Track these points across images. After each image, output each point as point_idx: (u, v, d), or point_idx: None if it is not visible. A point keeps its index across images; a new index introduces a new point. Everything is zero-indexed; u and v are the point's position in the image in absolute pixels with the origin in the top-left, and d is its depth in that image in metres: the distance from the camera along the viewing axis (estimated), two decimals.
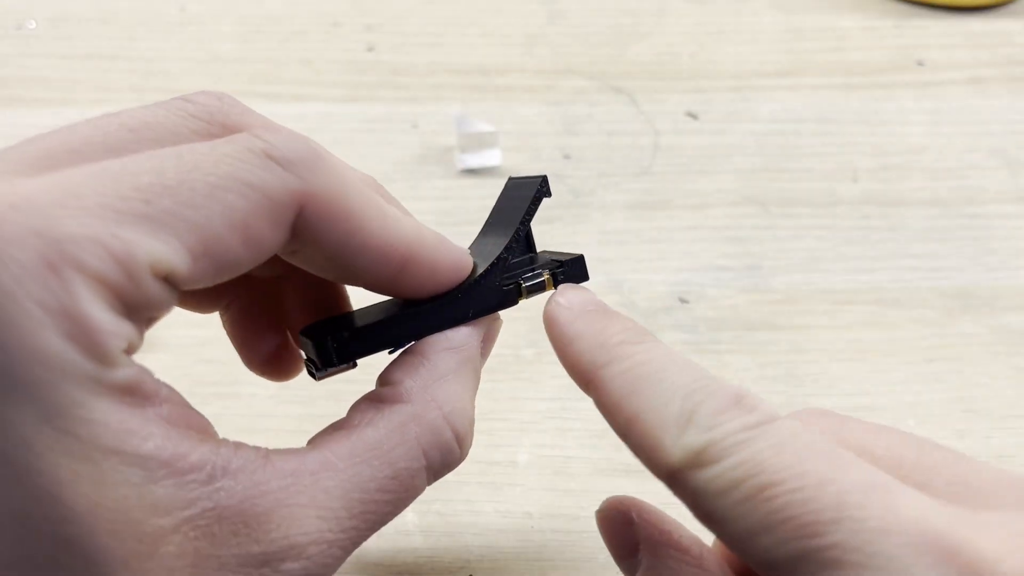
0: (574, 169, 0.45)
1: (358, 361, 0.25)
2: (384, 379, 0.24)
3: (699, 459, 0.20)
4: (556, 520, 0.31)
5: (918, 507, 0.18)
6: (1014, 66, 0.50)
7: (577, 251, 0.27)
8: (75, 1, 0.54)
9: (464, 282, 0.25)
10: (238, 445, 0.20)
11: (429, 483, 0.23)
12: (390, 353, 0.25)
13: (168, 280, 0.20)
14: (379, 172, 0.45)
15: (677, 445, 0.20)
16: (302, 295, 0.27)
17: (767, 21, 0.53)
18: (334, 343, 0.24)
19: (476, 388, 0.25)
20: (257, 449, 0.20)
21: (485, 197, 0.44)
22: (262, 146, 0.21)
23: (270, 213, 0.20)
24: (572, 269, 0.26)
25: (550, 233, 0.41)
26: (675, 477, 0.20)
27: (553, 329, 0.24)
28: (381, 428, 0.22)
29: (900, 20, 0.53)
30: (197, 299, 0.27)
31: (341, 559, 0.21)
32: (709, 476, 0.19)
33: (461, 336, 0.25)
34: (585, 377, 0.23)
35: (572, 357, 0.23)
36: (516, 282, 0.25)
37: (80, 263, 0.18)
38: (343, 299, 0.28)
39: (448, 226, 0.42)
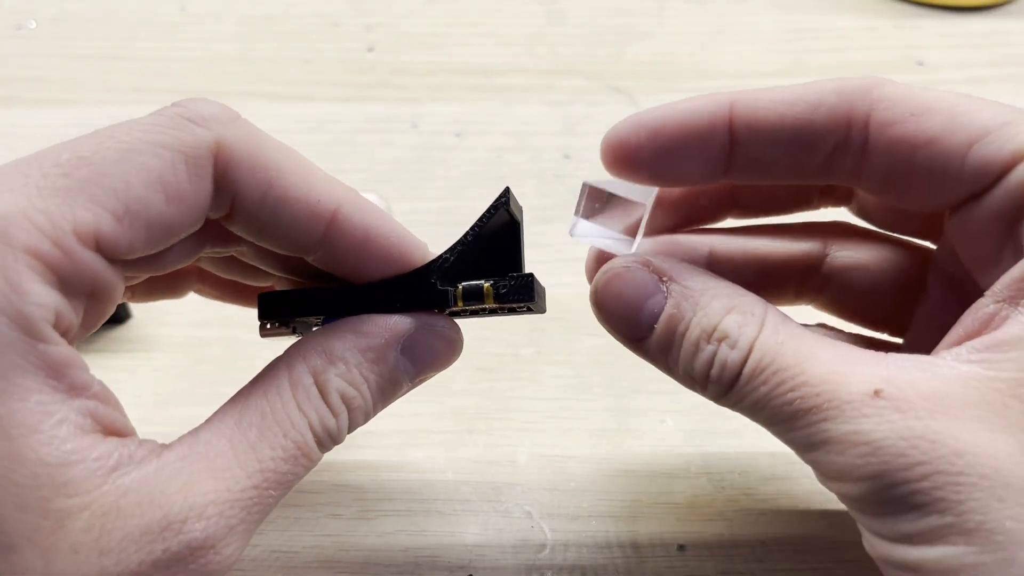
0: (574, 169, 0.45)
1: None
2: (285, 350, 0.25)
3: None
4: (556, 520, 0.31)
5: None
6: (1014, 66, 0.50)
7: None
8: (75, 1, 0.54)
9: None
10: (143, 441, 0.21)
11: (320, 448, 0.23)
12: (323, 324, 0.25)
13: (101, 248, 0.20)
14: (379, 172, 0.45)
15: None
16: None
17: (767, 21, 0.53)
18: (264, 300, 0.26)
19: (378, 377, 0.24)
20: (160, 443, 0.21)
21: (486, 198, 0.43)
22: (177, 111, 0.22)
23: (187, 167, 0.21)
24: (518, 284, 0.24)
25: (550, 233, 0.41)
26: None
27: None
28: (262, 393, 0.23)
29: (900, 20, 0.53)
30: (165, 284, 0.29)
31: (246, 521, 0.21)
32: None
33: (371, 323, 0.24)
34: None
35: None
36: (452, 284, 0.25)
37: (6, 236, 0.19)
38: None
39: (448, 226, 0.42)
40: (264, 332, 0.26)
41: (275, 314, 0.26)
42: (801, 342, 0.22)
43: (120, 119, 0.21)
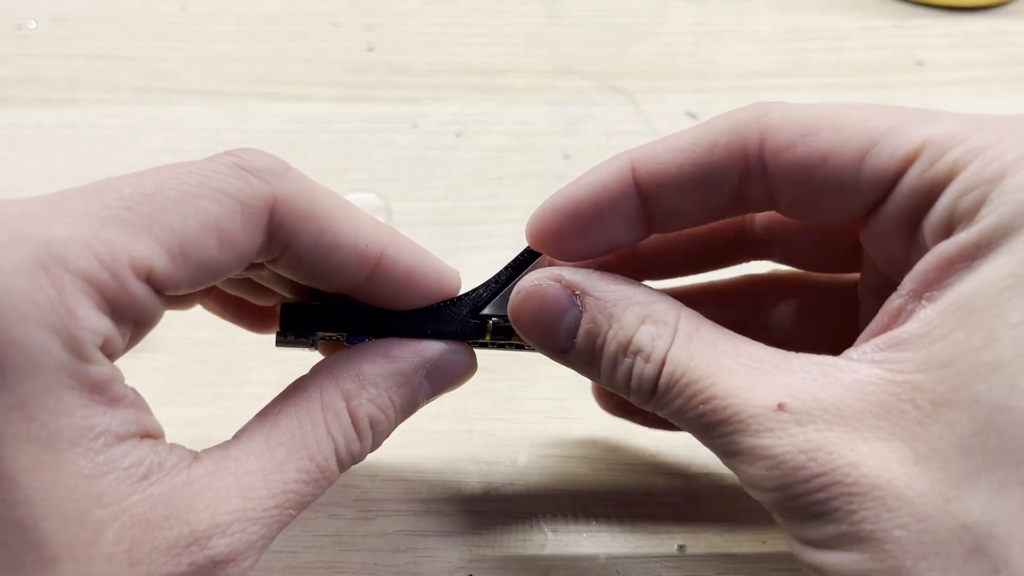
0: (574, 169, 0.45)
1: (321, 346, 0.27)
2: (313, 367, 0.25)
3: None
4: (556, 520, 0.31)
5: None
6: (1014, 66, 0.50)
7: None
8: (75, 1, 0.54)
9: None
10: (173, 446, 0.22)
11: (340, 469, 0.24)
12: (347, 342, 0.26)
13: (151, 281, 0.21)
14: (379, 172, 0.45)
15: None
16: None
17: (767, 21, 0.53)
18: (288, 311, 0.26)
19: (403, 401, 0.25)
20: (190, 450, 0.22)
21: (485, 197, 0.44)
22: (234, 159, 0.23)
23: (242, 216, 0.22)
24: None
25: None
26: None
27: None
28: (293, 413, 0.23)
29: (900, 20, 0.53)
30: (174, 297, 0.29)
31: (265, 537, 0.22)
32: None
33: (402, 348, 0.25)
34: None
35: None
36: (483, 318, 0.26)
37: (67, 262, 0.19)
38: None
39: (448, 226, 0.42)
40: (280, 342, 0.27)
41: (299, 326, 0.26)
42: (713, 352, 0.22)
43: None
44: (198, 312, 0.39)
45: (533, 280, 0.25)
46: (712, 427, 0.22)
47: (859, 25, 0.53)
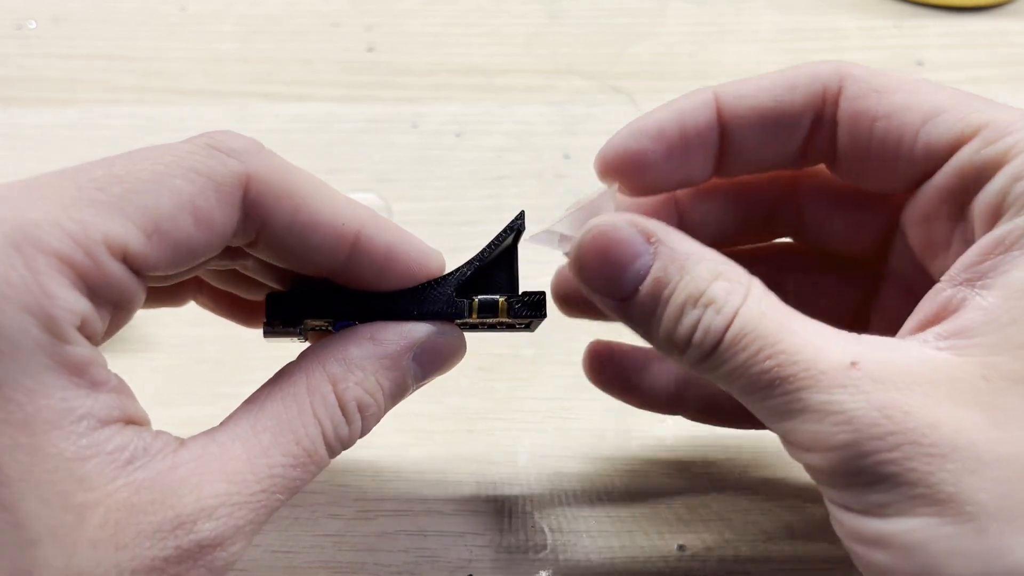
0: (574, 169, 0.45)
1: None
2: (300, 353, 0.25)
3: None
4: (556, 520, 0.31)
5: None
6: (1014, 66, 0.50)
7: None
8: (75, 1, 0.54)
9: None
10: (159, 432, 0.22)
11: (330, 455, 0.24)
12: (334, 329, 0.26)
13: (128, 261, 0.21)
14: (379, 172, 0.45)
15: None
16: None
17: (767, 21, 0.53)
18: (273, 300, 0.26)
19: (391, 384, 0.25)
20: (176, 437, 0.22)
21: (485, 198, 0.44)
22: (207, 140, 0.23)
23: (217, 194, 0.22)
24: (531, 301, 0.26)
25: None
26: None
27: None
28: (279, 398, 0.23)
29: (900, 20, 0.53)
30: (167, 293, 0.29)
31: (253, 522, 0.22)
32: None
33: (388, 331, 0.25)
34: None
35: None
36: (470, 297, 0.26)
37: (40, 243, 0.19)
38: None
39: (448, 226, 0.42)
40: (268, 333, 0.26)
41: (285, 315, 0.26)
42: (782, 314, 0.22)
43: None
44: (197, 311, 0.39)
45: (606, 220, 0.23)
46: (776, 383, 0.21)
47: (859, 25, 0.53)
